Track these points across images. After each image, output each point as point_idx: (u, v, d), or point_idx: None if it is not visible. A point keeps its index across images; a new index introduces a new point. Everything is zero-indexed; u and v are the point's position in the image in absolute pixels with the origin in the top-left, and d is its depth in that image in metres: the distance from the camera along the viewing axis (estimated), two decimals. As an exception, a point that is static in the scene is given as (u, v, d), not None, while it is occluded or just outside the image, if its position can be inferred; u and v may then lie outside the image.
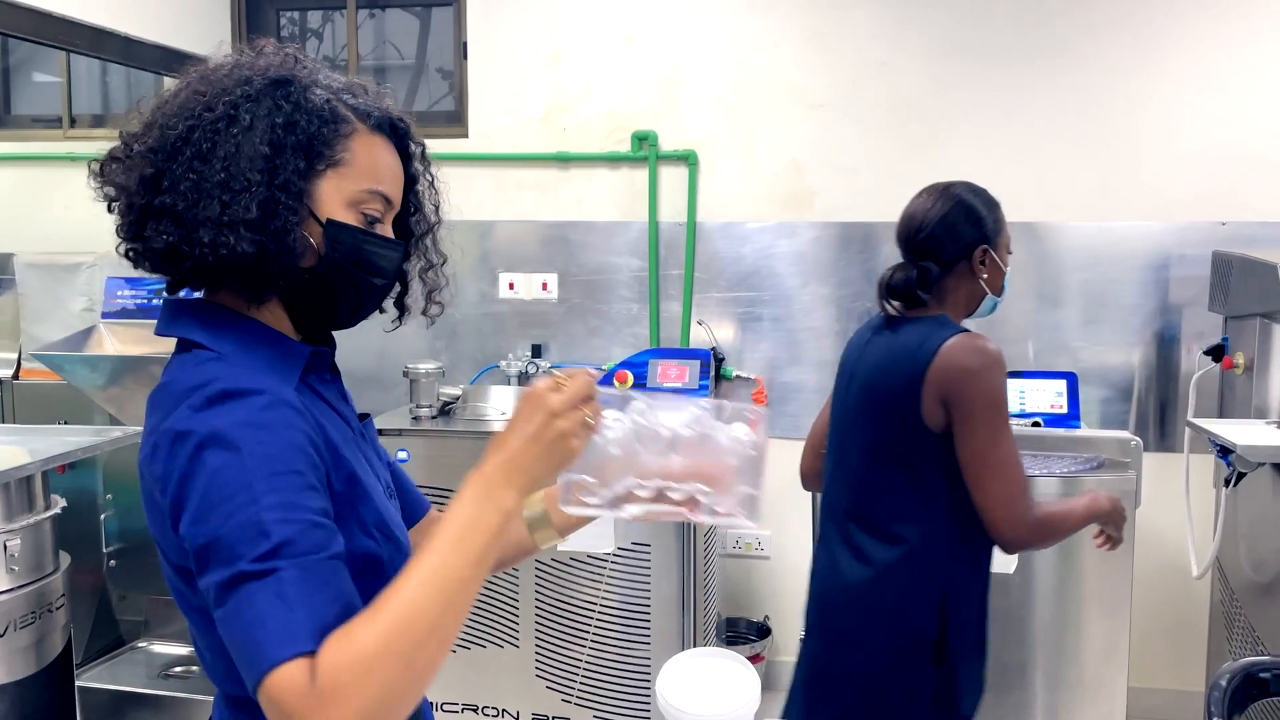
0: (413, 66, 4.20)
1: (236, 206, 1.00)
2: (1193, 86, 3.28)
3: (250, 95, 1.03)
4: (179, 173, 1.01)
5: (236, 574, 0.89)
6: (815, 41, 3.49)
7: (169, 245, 1.01)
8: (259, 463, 0.93)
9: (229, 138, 1.01)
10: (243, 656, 0.89)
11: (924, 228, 1.93)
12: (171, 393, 0.99)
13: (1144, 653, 3.25)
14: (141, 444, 1.00)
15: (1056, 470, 2.59)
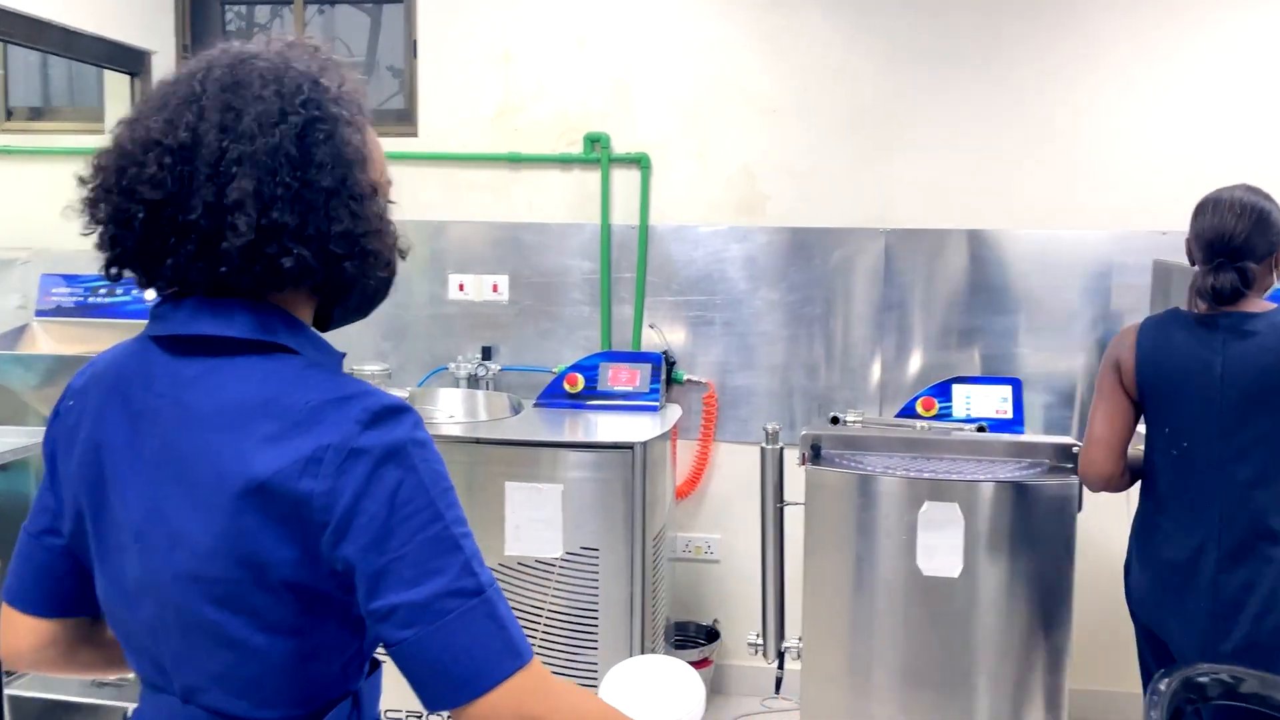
0: (363, 64, 4.14)
1: (365, 217, 1.02)
2: (1135, 98, 3.35)
3: (317, 100, 1.01)
4: (290, 187, 0.98)
5: (441, 593, 0.93)
6: (769, 46, 3.50)
7: (301, 262, 0.98)
8: (434, 479, 0.96)
9: (326, 146, 1.00)
10: (457, 673, 0.93)
11: (1239, 234, 2.12)
12: (312, 403, 0.96)
13: (1085, 655, 3.30)
14: (261, 459, 0.95)
15: (1000, 475, 2.62)
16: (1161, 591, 2.22)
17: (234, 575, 0.96)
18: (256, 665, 0.99)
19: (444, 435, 3.01)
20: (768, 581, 2.90)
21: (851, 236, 3.51)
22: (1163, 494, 2.22)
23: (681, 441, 3.64)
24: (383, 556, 0.93)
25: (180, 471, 0.98)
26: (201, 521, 0.96)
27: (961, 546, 2.58)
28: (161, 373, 1.02)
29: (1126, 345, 2.23)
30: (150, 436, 1.01)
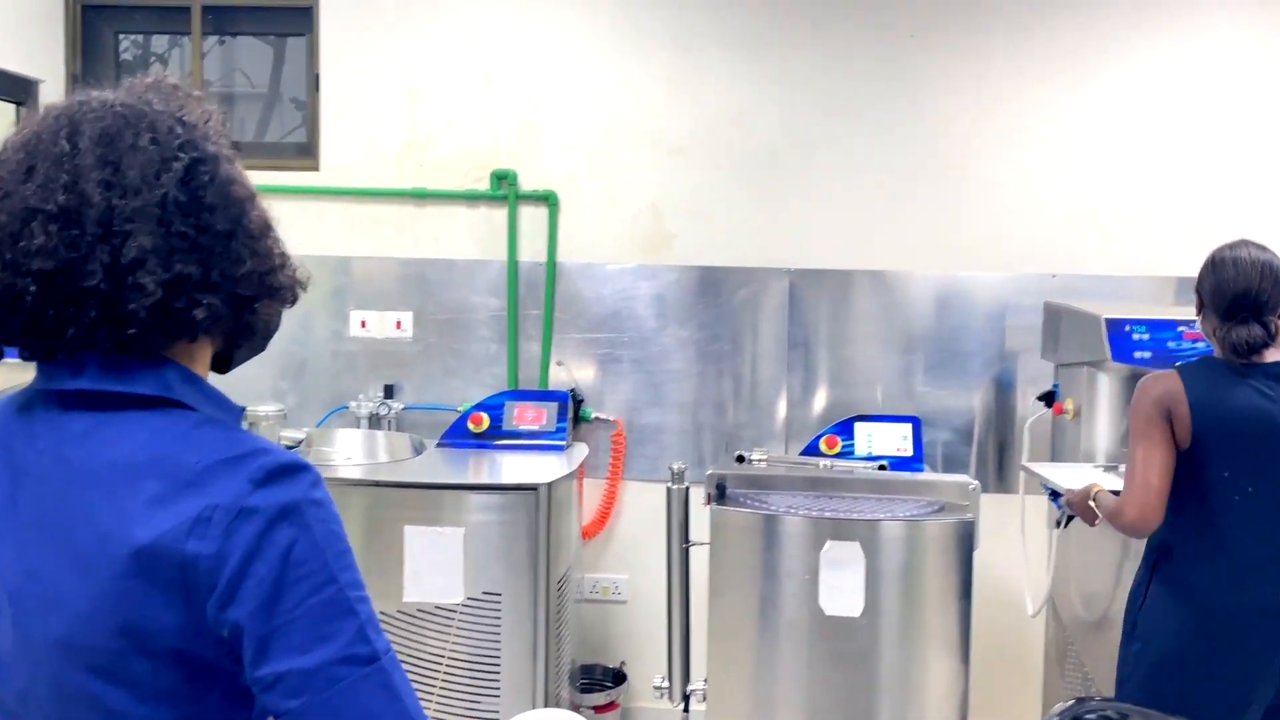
0: (265, 96, 4.06)
1: (265, 254, 1.00)
2: (1028, 146, 3.47)
3: (193, 141, 0.97)
4: (187, 236, 0.94)
5: (332, 660, 0.88)
6: (675, 87, 3.54)
7: (212, 311, 0.96)
8: (330, 540, 0.92)
9: (213, 188, 0.97)
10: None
11: (1264, 291, 2.23)
12: (204, 462, 0.92)
13: (983, 690, 3.35)
14: (147, 521, 0.90)
15: (899, 514, 2.66)
16: (1254, 633, 2.23)
17: (114, 644, 0.90)
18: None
19: (341, 478, 2.93)
20: (673, 623, 2.88)
21: (757, 276, 3.54)
22: (1226, 536, 2.23)
23: (589, 480, 3.61)
24: (271, 620, 0.88)
25: (60, 532, 0.92)
26: (80, 585, 0.91)
27: (863, 585, 2.60)
28: (45, 427, 0.96)
29: (1175, 394, 2.22)
30: (30, 494, 0.95)
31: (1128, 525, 2.27)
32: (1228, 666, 2.22)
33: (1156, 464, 2.21)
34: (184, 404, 0.97)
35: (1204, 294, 2.32)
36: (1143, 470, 2.22)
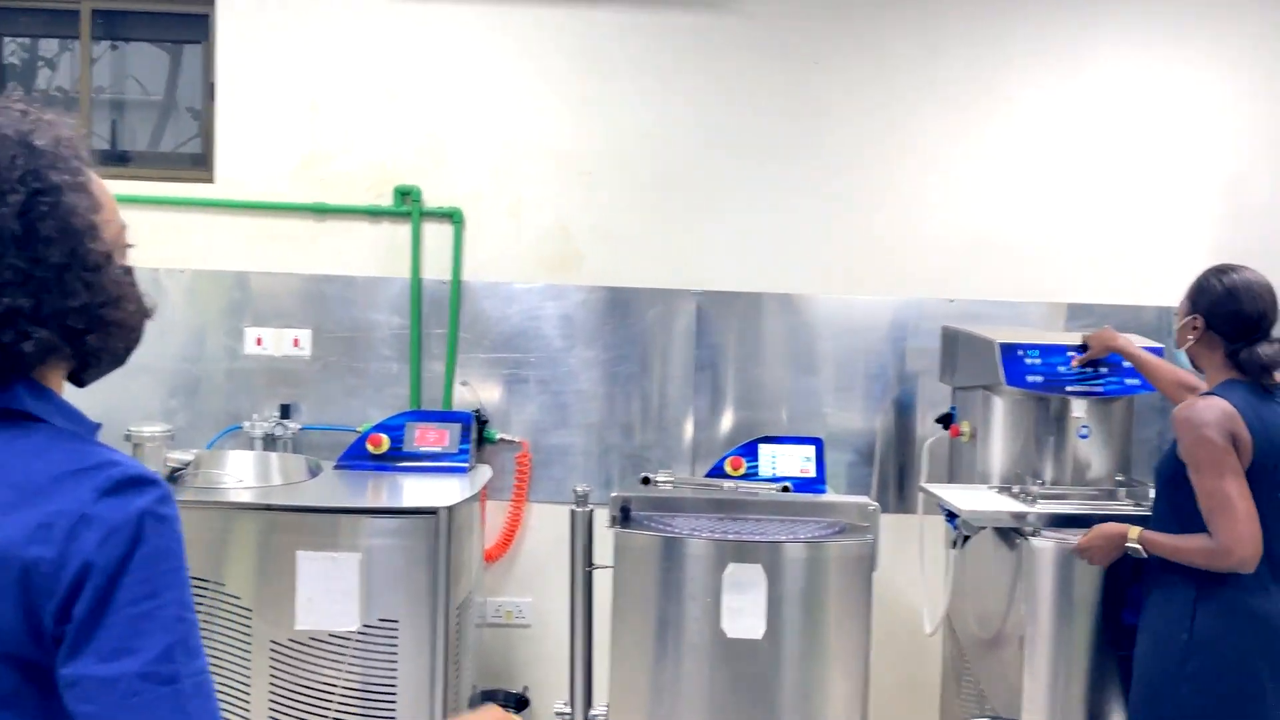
0: (160, 104, 3.92)
1: (101, 287, 1.00)
2: (927, 173, 3.55)
3: (35, 170, 0.97)
4: (19, 269, 0.95)
5: (131, 673, 0.90)
6: (582, 107, 3.53)
7: (42, 344, 0.97)
8: (163, 557, 0.94)
9: (51, 219, 0.97)
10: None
11: (1275, 311, 2.31)
12: (52, 472, 0.95)
13: (882, 708, 3.38)
14: None
15: (800, 535, 2.67)
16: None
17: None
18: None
19: (231, 501, 2.83)
20: (576, 648, 2.84)
21: (665, 297, 3.55)
22: (1277, 557, 2.24)
23: (494, 502, 3.55)
24: (88, 624, 0.90)
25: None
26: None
27: (764, 608, 2.60)
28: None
29: (1234, 418, 2.21)
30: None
31: (1242, 561, 2.17)
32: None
33: (1237, 491, 2.18)
34: (36, 418, 0.99)
35: (1208, 314, 2.33)
36: (1242, 501, 2.17)
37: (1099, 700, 2.67)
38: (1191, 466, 2.24)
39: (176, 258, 3.47)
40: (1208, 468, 2.20)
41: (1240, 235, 3.52)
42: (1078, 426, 2.96)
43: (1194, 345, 2.38)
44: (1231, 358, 2.31)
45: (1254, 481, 2.21)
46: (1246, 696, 2.21)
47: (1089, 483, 2.97)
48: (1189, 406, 2.27)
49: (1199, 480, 2.22)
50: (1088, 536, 2.51)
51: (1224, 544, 2.18)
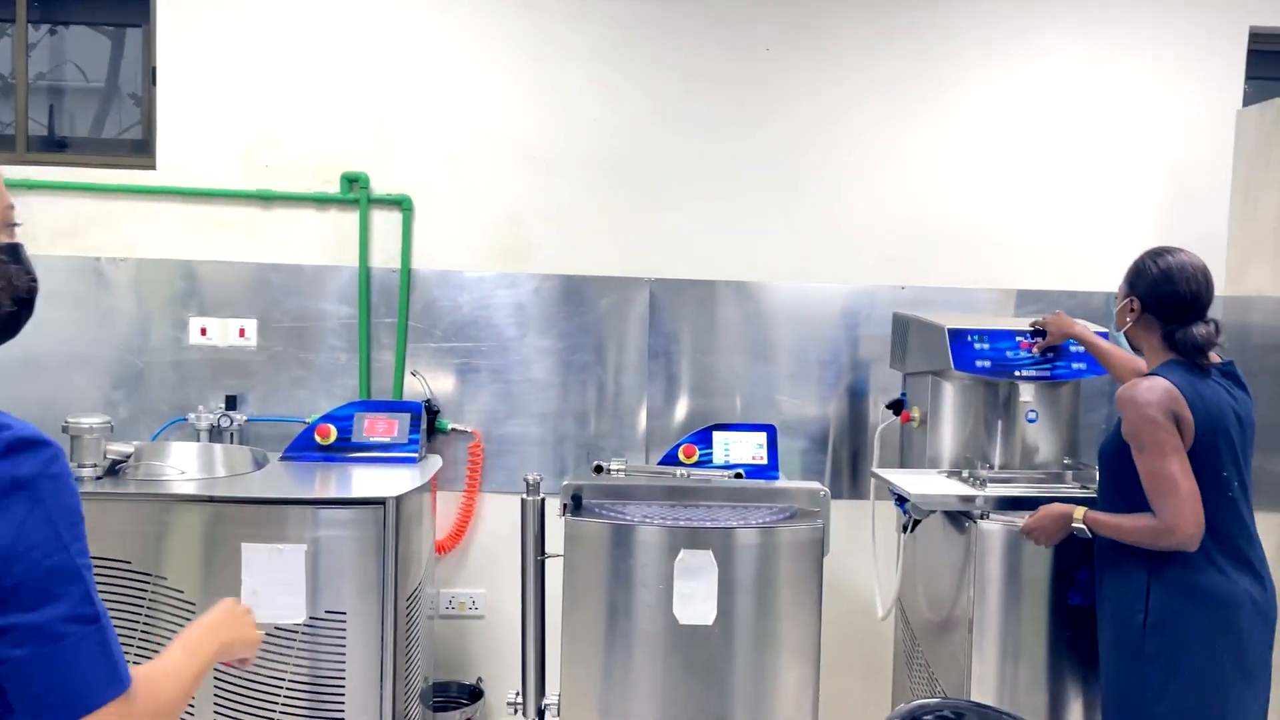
0: (102, 90, 3.83)
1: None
2: (878, 162, 3.56)
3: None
4: None
5: (59, 617, 1.02)
6: (532, 95, 3.49)
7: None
8: (61, 512, 1.05)
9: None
10: (64, 694, 1.02)
11: (1209, 291, 2.34)
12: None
13: (835, 693, 3.40)
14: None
15: (753, 520, 2.67)
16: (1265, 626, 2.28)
17: None
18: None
19: (171, 494, 2.76)
20: (527, 637, 2.82)
21: (618, 285, 3.53)
22: (1222, 533, 2.26)
23: (447, 493, 3.51)
24: (4, 581, 1.00)
25: None
26: None
27: (716, 593, 2.59)
28: None
29: (1176, 398, 2.22)
30: None
31: (1186, 540, 2.19)
32: (1249, 659, 2.25)
33: (1180, 470, 2.20)
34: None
35: (1145, 296, 2.35)
36: (1185, 480, 2.19)
37: (1046, 680, 2.70)
38: (1135, 446, 2.27)
39: (119, 246, 3.40)
40: (1151, 448, 2.23)
41: (1184, 221, 3.57)
42: (1026, 410, 2.99)
43: (1132, 327, 2.41)
44: (1168, 339, 2.34)
45: (1197, 459, 2.24)
46: (1208, 672, 2.24)
47: (1037, 466, 3.00)
48: (1132, 387, 2.29)
49: (1142, 460, 2.25)
50: (1034, 518, 2.54)
51: (1167, 523, 2.21)
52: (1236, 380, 2.36)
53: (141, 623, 2.73)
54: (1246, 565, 2.29)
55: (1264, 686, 2.28)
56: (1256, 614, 2.28)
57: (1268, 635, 2.30)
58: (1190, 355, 2.31)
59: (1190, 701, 2.24)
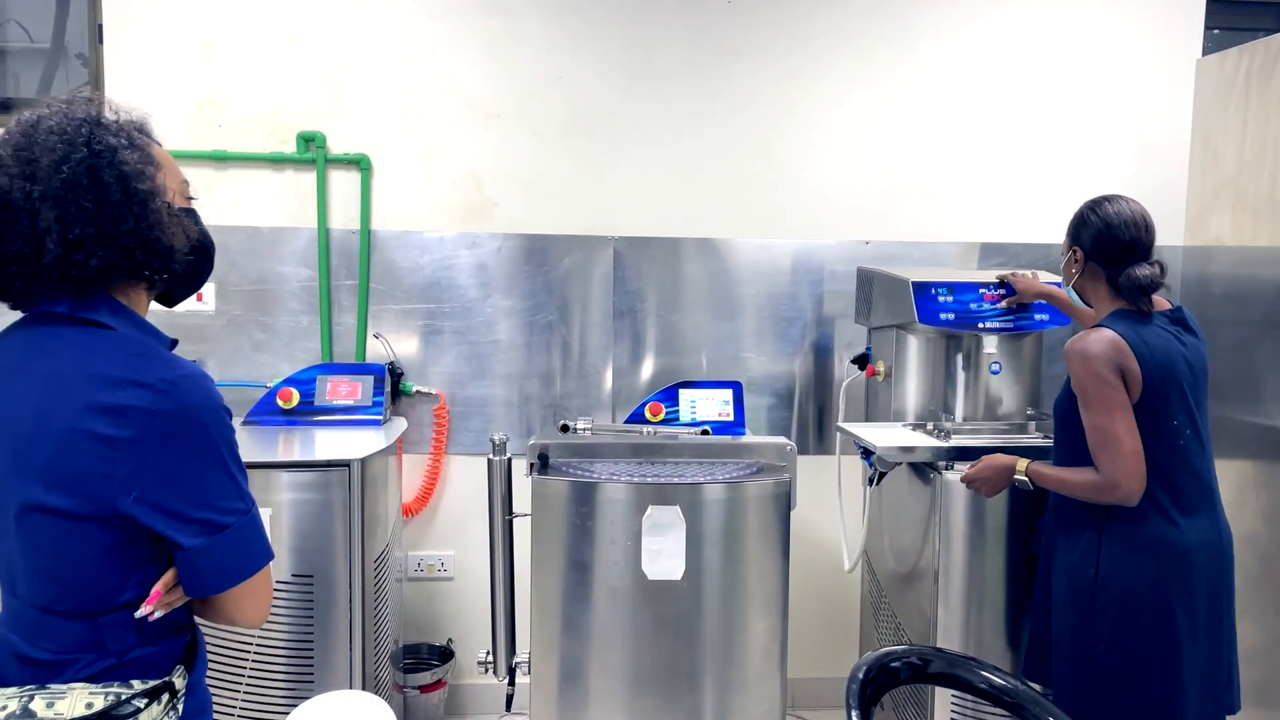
0: (48, 52, 3.71)
1: (146, 215, 1.32)
2: (840, 117, 3.55)
3: (98, 136, 1.31)
4: (86, 208, 1.28)
5: (233, 513, 1.31)
6: (490, 50, 3.43)
7: (104, 260, 1.30)
8: (223, 434, 1.31)
9: (110, 170, 1.30)
10: (236, 563, 1.32)
11: (1150, 235, 2.34)
12: (117, 370, 1.27)
13: (804, 645, 3.44)
14: (75, 406, 1.27)
15: (720, 476, 2.67)
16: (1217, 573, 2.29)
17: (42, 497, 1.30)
18: (65, 565, 1.32)
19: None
20: (496, 597, 2.82)
21: (581, 244, 3.50)
22: (1173, 482, 2.26)
23: (412, 456, 3.49)
24: (183, 486, 1.30)
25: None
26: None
27: (684, 549, 2.60)
28: (21, 342, 1.38)
29: (1122, 350, 2.21)
30: None
31: (1126, 495, 2.20)
32: (1199, 604, 2.26)
33: (1123, 425, 2.19)
34: (109, 327, 1.32)
35: (1087, 246, 2.34)
36: (1128, 436, 2.19)
37: (1008, 628, 2.74)
38: (1080, 399, 2.26)
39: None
40: (1096, 402, 2.22)
41: (1144, 171, 3.59)
42: (989, 362, 3.01)
43: (1079, 279, 2.40)
44: (1113, 285, 2.33)
45: (1147, 409, 2.24)
46: (1158, 624, 2.25)
47: (1000, 418, 3.03)
48: (1078, 340, 2.27)
49: (1087, 415, 2.24)
50: (975, 467, 2.55)
51: (1109, 478, 2.21)
52: (1186, 326, 2.36)
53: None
54: (1199, 512, 2.29)
55: (1219, 631, 2.31)
56: (1209, 561, 2.29)
57: (1223, 580, 2.32)
58: (1135, 298, 2.30)
59: (1140, 653, 2.25)
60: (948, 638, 2.74)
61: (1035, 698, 2.02)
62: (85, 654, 1.31)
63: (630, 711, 2.63)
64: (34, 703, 1.25)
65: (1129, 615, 2.25)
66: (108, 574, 1.30)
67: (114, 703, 1.27)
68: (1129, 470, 2.19)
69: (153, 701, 1.31)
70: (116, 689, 1.29)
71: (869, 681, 1.97)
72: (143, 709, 1.30)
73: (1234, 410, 3.20)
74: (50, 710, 1.25)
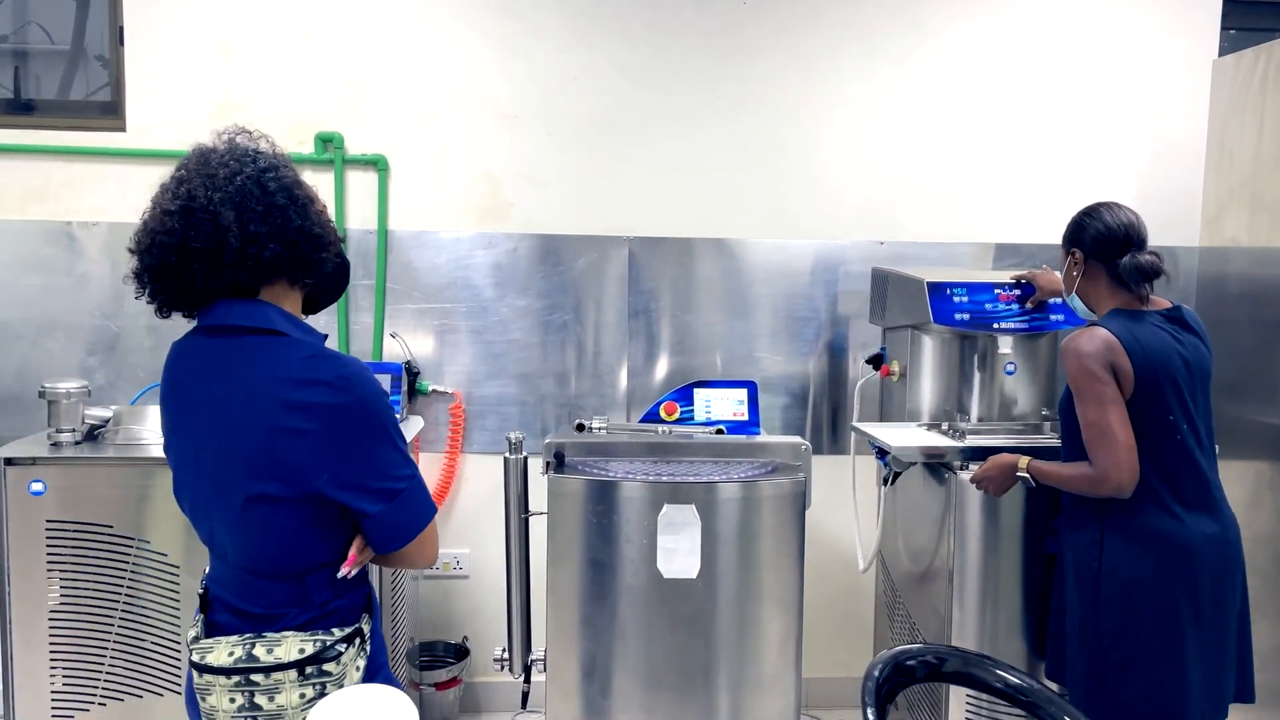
0: (68, 53, 3.75)
1: (308, 216, 1.59)
2: (855, 117, 3.55)
3: (264, 154, 1.60)
4: (256, 211, 1.52)
5: (404, 479, 1.56)
6: (507, 51, 3.45)
7: (274, 253, 1.54)
8: (388, 415, 1.55)
9: (274, 180, 1.55)
10: (406, 525, 1.57)
11: (1143, 229, 2.39)
12: (295, 370, 1.51)
13: (819, 645, 3.45)
14: (272, 405, 1.49)
15: (734, 475, 2.68)
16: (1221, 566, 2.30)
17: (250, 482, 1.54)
18: (271, 537, 1.56)
19: (153, 457, 2.75)
20: (512, 594, 2.83)
21: (596, 244, 3.51)
22: (1171, 477, 2.28)
23: (428, 454, 3.51)
24: (370, 461, 1.55)
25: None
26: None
27: (699, 547, 2.61)
28: (204, 350, 1.60)
29: (1114, 347, 2.25)
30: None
31: (1118, 487, 2.24)
32: (1203, 596, 2.27)
33: (1116, 419, 2.23)
34: (282, 333, 1.55)
35: (1087, 245, 2.39)
36: (1121, 430, 2.22)
37: (1025, 627, 2.74)
38: (1075, 396, 2.30)
39: (90, 209, 3.35)
40: (1089, 398, 2.26)
41: (1160, 171, 3.58)
42: (1004, 363, 3.01)
43: (1082, 282, 2.43)
44: (1114, 277, 2.36)
45: (1140, 406, 2.26)
46: (1161, 616, 2.27)
47: (1015, 418, 3.03)
48: (1073, 338, 2.31)
49: (1081, 410, 2.28)
50: (982, 468, 2.58)
51: (1101, 471, 2.25)
52: (1184, 324, 2.37)
53: (125, 588, 2.73)
54: (1200, 507, 2.31)
55: (1223, 624, 2.32)
56: (1213, 554, 2.30)
57: (1228, 574, 2.33)
58: (1138, 282, 2.34)
59: (1144, 644, 2.28)
60: (962, 637, 2.74)
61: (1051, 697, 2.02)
62: (292, 608, 1.55)
63: (645, 709, 2.64)
64: (256, 649, 1.52)
65: (1132, 606, 2.28)
66: (309, 542, 1.53)
67: (321, 647, 1.53)
68: (1120, 463, 2.23)
69: (349, 645, 1.57)
70: (321, 635, 1.55)
71: (884, 680, 1.98)
72: (343, 651, 1.55)
73: (1250, 411, 3.19)
74: (270, 655, 1.52)
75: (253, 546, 1.54)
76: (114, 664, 2.77)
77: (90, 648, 2.76)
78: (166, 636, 2.76)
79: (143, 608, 2.74)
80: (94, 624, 2.75)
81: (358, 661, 1.59)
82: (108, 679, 2.78)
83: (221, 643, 1.54)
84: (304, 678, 1.53)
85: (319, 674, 1.53)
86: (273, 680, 1.51)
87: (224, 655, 1.53)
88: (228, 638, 1.55)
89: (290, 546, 1.53)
